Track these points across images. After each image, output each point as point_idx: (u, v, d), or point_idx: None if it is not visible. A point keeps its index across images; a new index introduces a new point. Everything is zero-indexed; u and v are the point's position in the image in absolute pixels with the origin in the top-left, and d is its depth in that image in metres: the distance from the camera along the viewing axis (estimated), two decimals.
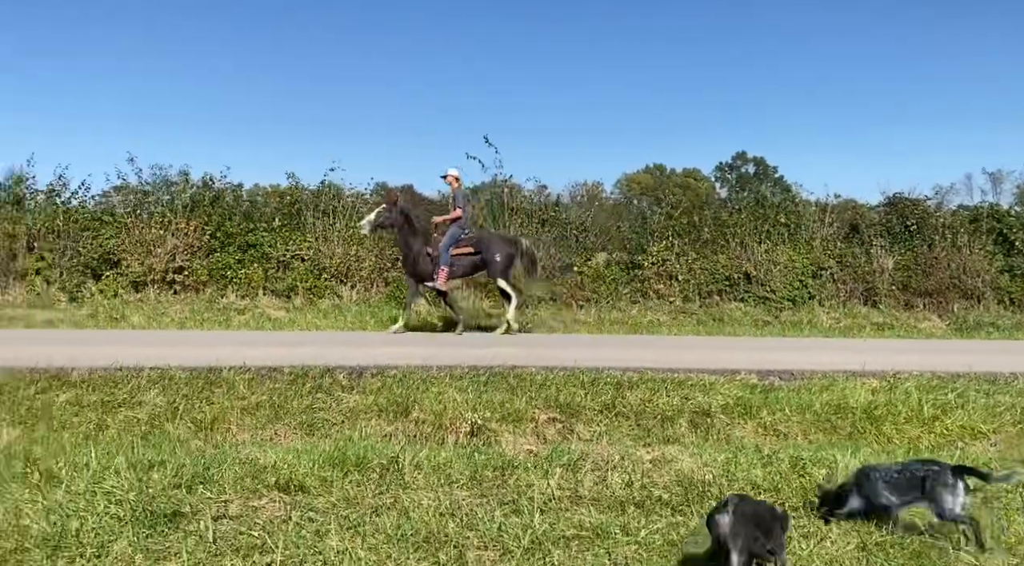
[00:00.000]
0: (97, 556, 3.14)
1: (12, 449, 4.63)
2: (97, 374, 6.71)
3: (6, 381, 6.26)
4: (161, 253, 14.00)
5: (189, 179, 15.49)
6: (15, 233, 13.59)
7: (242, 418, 6.00)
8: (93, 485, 3.91)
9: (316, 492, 3.97)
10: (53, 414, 5.80)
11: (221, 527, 3.48)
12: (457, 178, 10.85)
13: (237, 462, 4.46)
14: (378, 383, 6.88)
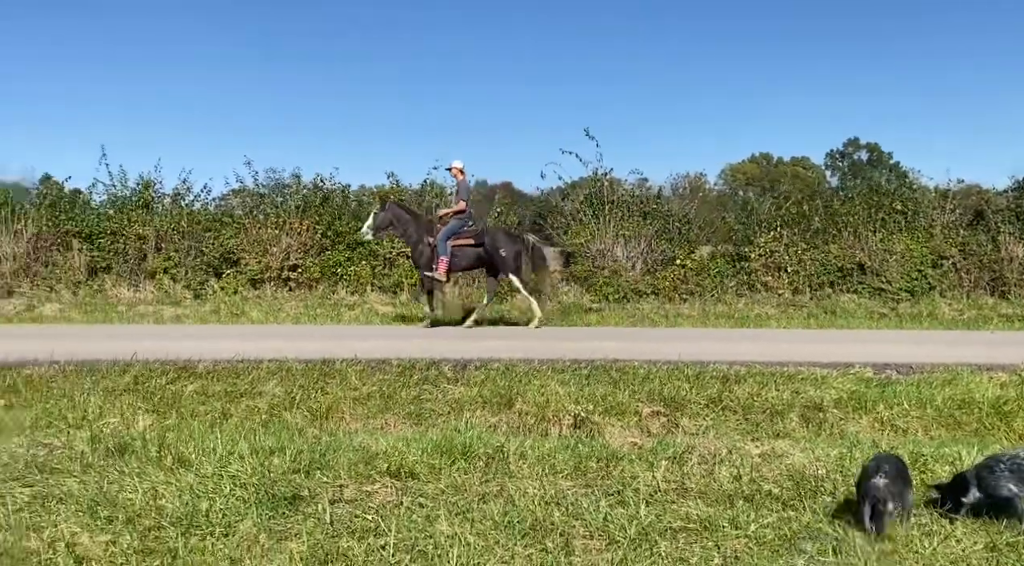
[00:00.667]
0: (225, 534, 3.34)
1: (148, 434, 4.97)
2: (221, 366, 7.12)
3: (142, 372, 6.72)
4: (276, 252, 14.68)
5: (301, 181, 16.18)
6: (145, 234, 14.56)
7: (354, 407, 6.24)
8: (220, 469, 4.15)
9: (425, 479, 4.09)
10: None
11: (337, 510, 3.63)
12: (461, 170, 10.84)
13: (351, 449, 4.64)
14: (482, 375, 7.00)
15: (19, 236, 14.10)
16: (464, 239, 10.54)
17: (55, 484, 3.90)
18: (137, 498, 3.70)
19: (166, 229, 14.68)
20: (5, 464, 4.22)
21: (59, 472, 4.12)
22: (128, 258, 14.45)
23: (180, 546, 3.18)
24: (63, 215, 14.75)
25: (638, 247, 15.11)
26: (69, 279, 13.98)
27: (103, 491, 3.80)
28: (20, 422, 5.51)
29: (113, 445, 4.66)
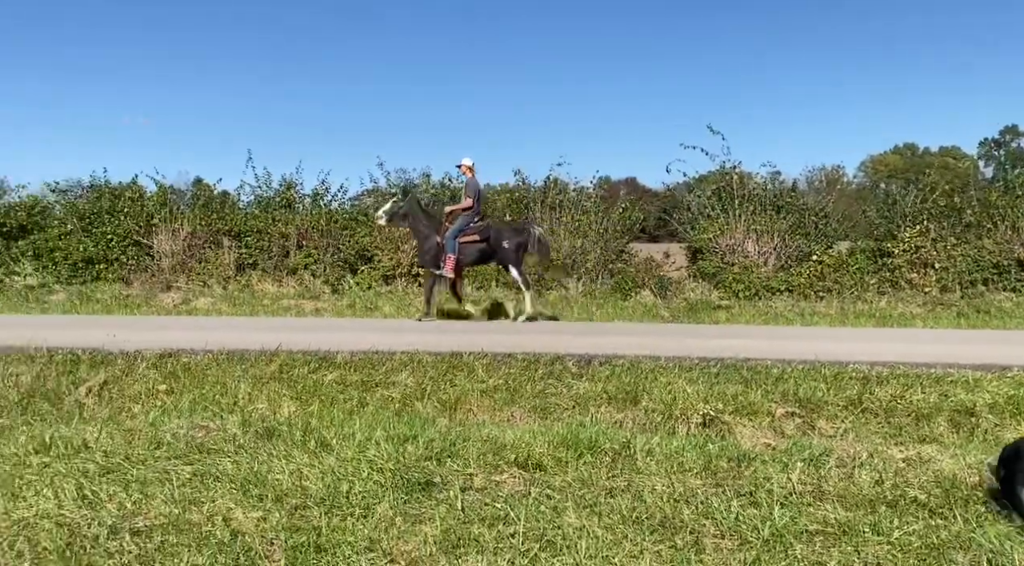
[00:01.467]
0: (364, 515, 3.50)
1: (293, 420, 5.29)
2: (357, 357, 7.45)
3: (286, 361, 7.13)
4: (407, 249, 15.19)
5: (430, 180, 16.66)
6: (287, 233, 15.43)
7: (481, 400, 6.37)
8: (358, 453, 4.36)
9: (552, 471, 4.13)
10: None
11: (467, 498, 3.74)
12: (471, 168, 10.82)
13: (479, 439, 4.76)
14: (607, 371, 6.98)
15: (176, 235, 15.28)
16: (470, 235, 10.65)
17: (212, 463, 4.21)
18: (284, 478, 3.95)
19: (307, 227, 15.48)
20: (169, 443, 4.60)
21: (215, 452, 4.44)
22: (272, 255, 15.36)
23: (324, 525, 3.37)
24: (214, 215, 15.86)
25: (771, 242, 14.60)
26: (220, 274, 15.01)
27: (254, 471, 4.07)
28: (180, 406, 5.99)
29: (262, 429, 4.98)
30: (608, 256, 15.31)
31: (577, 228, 15.51)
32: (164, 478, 3.94)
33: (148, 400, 6.16)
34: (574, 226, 15.55)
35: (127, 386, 6.44)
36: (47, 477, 3.94)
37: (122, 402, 6.15)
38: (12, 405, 5.95)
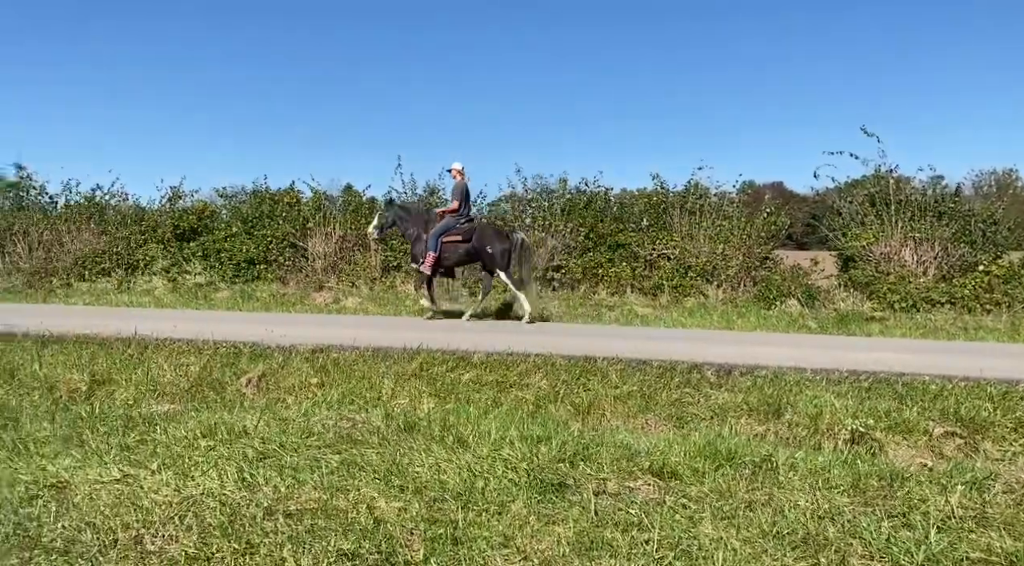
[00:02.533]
0: (499, 512, 3.58)
1: (432, 416, 5.47)
2: (493, 358, 7.60)
3: (426, 359, 7.38)
4: (542, 252, 15.33)
5: (567, 185, 16.74)
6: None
7: (615, 405, 6.33)
8: (493, 452, 4.45)
9: (688, 480, 4.05)
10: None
11: (601, 502, 3.73)
12: (460, 172, 11.27)
13: (612, 445, 4.73)
14: (748, 382, 6.75)
15: (329, 238, 16.15)
16: (454, 236, 10.96)
17: (358, 454, 4.43)
18: (424, 471, 4.09)
19: None
20: (320, 433, 4.88)
21: (361, 443, 4.67)
22: None
23: (460, 518, 3.47)
24: (363, 219, 16.63)
25: (931, 251, 13.61)
26: (367, 276, 15.74)
27: (396, 463, 4.25)
28: (329, 398, 6.33)
29: (403, 423, 5.19)
30: (751, 263, 14.80)
31: (718, 234, 15.10)
32: (314, 465, 4.18)
33: (301, 392, 6.54)
34: (714, 231, 15.15)
35: (282, 378, 6.87)
36: (212, 459, 4.28)
37: (278, 393, 6.57)
38: (183, 392, 6.50)
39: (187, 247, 16.60)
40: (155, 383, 6.64)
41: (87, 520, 3.40)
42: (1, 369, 6.93)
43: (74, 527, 3.32)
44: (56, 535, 3.24)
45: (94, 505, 3.59)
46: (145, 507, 3.57)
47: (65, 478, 3.96)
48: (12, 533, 3.24)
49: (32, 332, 8.47)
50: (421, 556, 3.11)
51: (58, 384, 6.54)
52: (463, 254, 11.09)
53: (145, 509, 3.55)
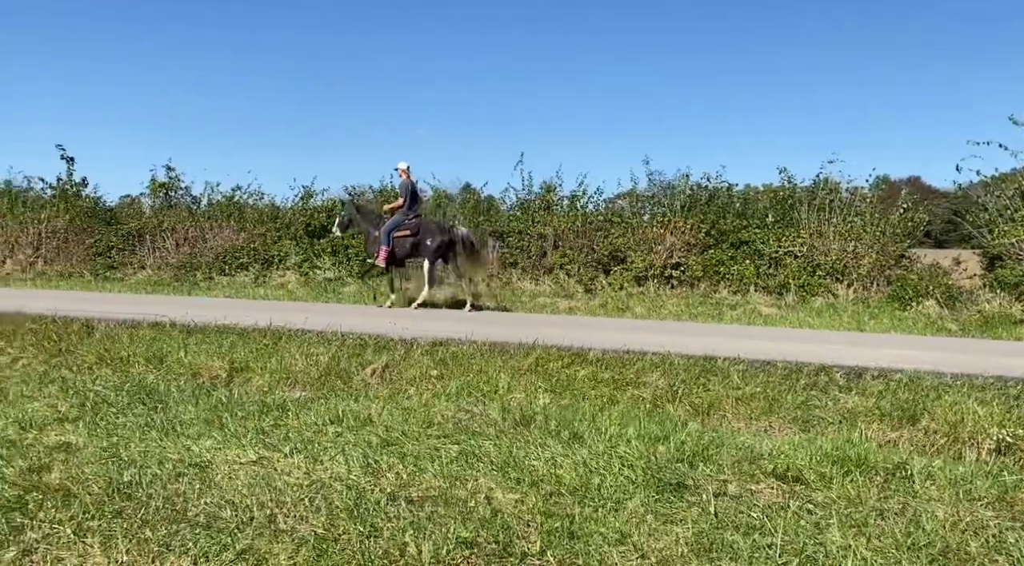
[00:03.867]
0: (615, 509, 3.56)
1: (547, 411, 5.50)
2: (609, 355, 7.55)
3: (542, 355, 7.43)
4: (661, 250, 15.10)
5: (688, 181, 16.41)
6: (545, 233, 16.04)
7: (736, 407, 6.15)
8: (610, 449, 4.44)
9: (815, 486, 3.89)
10: None
11: (721, 504, 3.64)
12: (406, 171, 12.04)
13: (733, 446, 4.61)
14: (880, 386, 6.40)
15: None
16: (403, 231, 11.81)
17: (476, 445, 4.52)
18: (540, 465, 4.13)
19: (563, 229, 15.98)
20: (439, 424, 5.01)
21: (478, 435, 4.76)
22: (531, 254, 16.06)
23: (576, 513, 3.47)
24: (481, 216, 16.94)
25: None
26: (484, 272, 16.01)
27: (512, 455, 4.30)
28: (448, 390, 6.48)
29: (519, 417, 5.24)
30: (885, 261, 14.02)
31: (849, 230, 14.39)
32: (434, 455, 4.30)
33: (421, 383, 6.73)
34: (845, 228, 14.45)
35: (404, 370, 7.09)
36: (339, 445, 4.47)
37: (400, 384, 6.78)
38: (313, 381, 6.82)
39: (317, 244, 17.40)
40: (288, 371, 7.00)
41: (226, 498, 3.63)
42: (152, 356, 7.50)
43: (215, 504, 3.56)
44: (199, 511, 3.48)
45: (232, 484, 3.84)
46: (278, 488, 3.78)
47: (207, 458, 4.24)
48: (162, 506, 3.51)
49: (179, 322, 9.12)
50: (538, 548, 3.14)
51: (201, 370, 7.02)
52: (409, 247, 11.91)
53: (278, 489, 3.76)
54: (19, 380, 6.23)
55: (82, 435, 4.62)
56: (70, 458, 4.17)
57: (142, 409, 5.32)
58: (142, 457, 4.22)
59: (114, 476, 3.87)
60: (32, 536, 3.14)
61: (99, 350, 7.67)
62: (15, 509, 3.41)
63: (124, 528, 3.23)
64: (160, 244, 18.08)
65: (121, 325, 8.95)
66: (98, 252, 18.25)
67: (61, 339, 8.19)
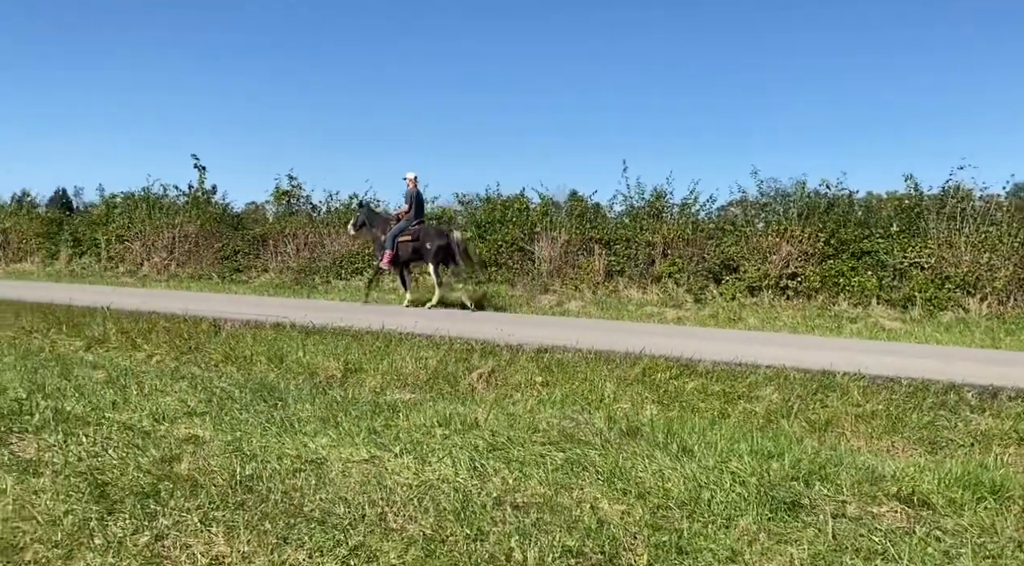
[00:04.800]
0: (726, 526, 3.45)
1: (655, 422, 5.40)
2: (719, 367, 7.35)
3: (649, 365, 7.31)
4: (776, 259, 14.60)
5: (804, 188, 15.81)
6: (654, 241, 15.80)
7: (856, 424, 5.86)
8: (720, 463, 4.31)
9: (943, 512, 3.65)
10: None
11: (839, 525, 3.47)
12: (413, 180, 12.94)
13: (853, 466, 4.39)
14: (1018, 407, 5.95)
15: (555, 242, 16.57)
16: (406, 236, 12.65)
17: (581, 453, 4.49)
18: (647, 477, 4.06)
19: (673, 237, 15.71)
20: (544, 430, 5.01)
21: (584, 444, 4.73)
22: (639, 263, 15.87)
23: (684, 528, 3.39)
24: (587, 224, 16.88)
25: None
26: (590, 280, 15.93)
27: (618, 466, 4.25)
28: (553, 397, 6.48)
29: (625, 427, 5.18)
30: None
31: (983, 241, 13.47)
32: (540, 461, 4.30)
33: (526, 389, 6.76)
34: (979, 238, 13.53)
35: (510, 375, 7.14)
36: (447, 447, 4.55)
37: (505, 389, 6.84)
38: (422, 383, 6.98)
39: None
40: (398, 373, 7.19)
41: (340, 495, 3.76)
42: (273, 355, 7.87)
43: (329, 500, 3.69)
44: (315, 506, 3.62)
45: (346, 481, 3.97)
46: (388, 487, 3.88)
47: (323, 455, 4.41)
48: (280, 500, 3.67)
49: (298, 323, 9.54)
50: (645, 561, 3.08)
51: (318, 370, 7.30)
52: (410, 251, 12.73)
53: (388, 489, 3.85)
54: (154, 375, 6.67)
55: (208, 429, 4.90)
56: (198, 450, 4.43)
57: (263, 406, 5.58)
58: (262, 452, 4.42)
59: (237, 469, 4.08)
60: (164, 523, 3.35)
61: (225, 349, 8.12)
62: (149, 496, 3.64)
63: (246, 520, 3.40)
64: (282, 249, 18.98)
65: (245, 325, 9.44)
66: (225, 256, 19.34)
67: (191, 338, 8.71)
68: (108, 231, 20.54)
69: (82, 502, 3.52)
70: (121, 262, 20.10)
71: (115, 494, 3.65)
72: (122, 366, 7.23)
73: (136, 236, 20.07)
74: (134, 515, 3.41)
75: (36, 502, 3.50)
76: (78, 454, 4.25)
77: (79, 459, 4.17)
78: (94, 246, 20.81)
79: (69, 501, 3.52)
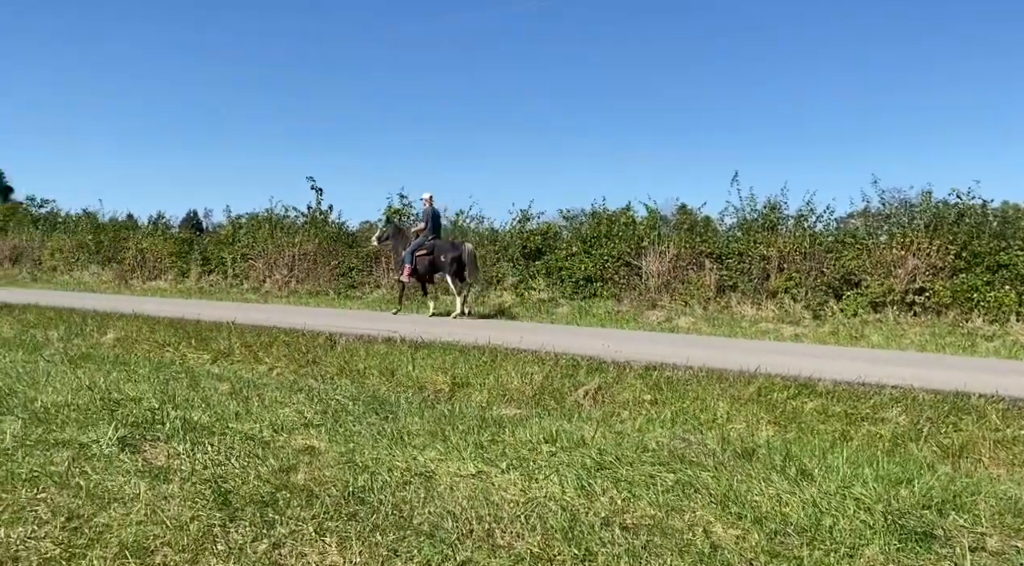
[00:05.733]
0: (850, 555, 3.25)
1: (771, 443, 5.18)
2: (841, 387, 6.99)
3: (764, 384, 7.03)
4: (901, 274, 13.81)
5: (931, 198, 14.91)
6: (768, 255, 15.26)
7: (995, 451, 5.43)
8: (842, 488, 4.07)
9: None
10: None
11: (978, 559, 3.21)
12: (429, 200, 14.23)
13: (993, 496, 4.06)
14: None
15: (663, 256, 16.28)
16: (423, 251, 13.86)
17: (693, 475, 4.34)
18: (764, 501, 3.88)
19: (788, 250, 15.13)
20: (654, 450, 4.89)
21: (695, 465, 4.58)
22: (752, 277, 15.36)
23: (805, 555, 3.22)
24: (698, 238, 16.49)
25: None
26: (701, 295, 15.53)
27: (733, 488, 4.09)
28: (663, 416, 6.33)
29: (740, 448, 4.98)
30: None
31: None
32: (649, 482, 4.19)
33: (635, 407, 6.64)
34: None
35: (617, 393, 7.04)
36: (554, 465, 4.51)
37: (612, 407, 6.74)
38: (527, 399, 6.98)
39: (533, 265, 17.89)
40: (504, 389, 7.22)
41: (448, 509, 3.78)
42: (384, 369, 8.08)
43: (438, 514, 3.72)
44: (424, 519, 3.66)
45: (454, 496, 3.99)
46: (495, 502, 3.87)
47: (431, 468, 4.46)
48: (390, 512, 3.73)
49: (407, 338, 9.76)
50: None
51: (426, 384, 7.44)
52: (428, 265, 13.89)
53: (495, 504, 3.85)
54: (274, 387, 6.96)
55: (323, 440, 5.05)
56: (313, 461, 4.57)
57: (375, 418, 5.72)
58: (374, 464, 4.52)
59: (350, 480, 4.18)
60: (281, 531, 3.46)
61: (340, 362, 8.40)
62: (268, 504, 3.78)
63: (357, 531, 3.47)
64: (393, 266, 19.51)
65: (358, 340, 9.74)
66: (341, 273, 20.07)
67: (308, 351, 9.07)
68: (234, 250, 21.74)
69: (207, 509, 3.69)
70: (245, 279, 21.20)
71: (237, 502, 3.81)
72: (245, 378, 7.59)
73: (259, 255, 21.12)
74: (254, 523, 3.54)
75: (165, 507, 3.69)
76: (204, 462, 4.47)
77: (204, 467, 4.38)
78: (221, 264, 22.04)
79: (195, 507, 3.70)
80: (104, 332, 10.84)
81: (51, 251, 25.73)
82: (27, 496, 3.79)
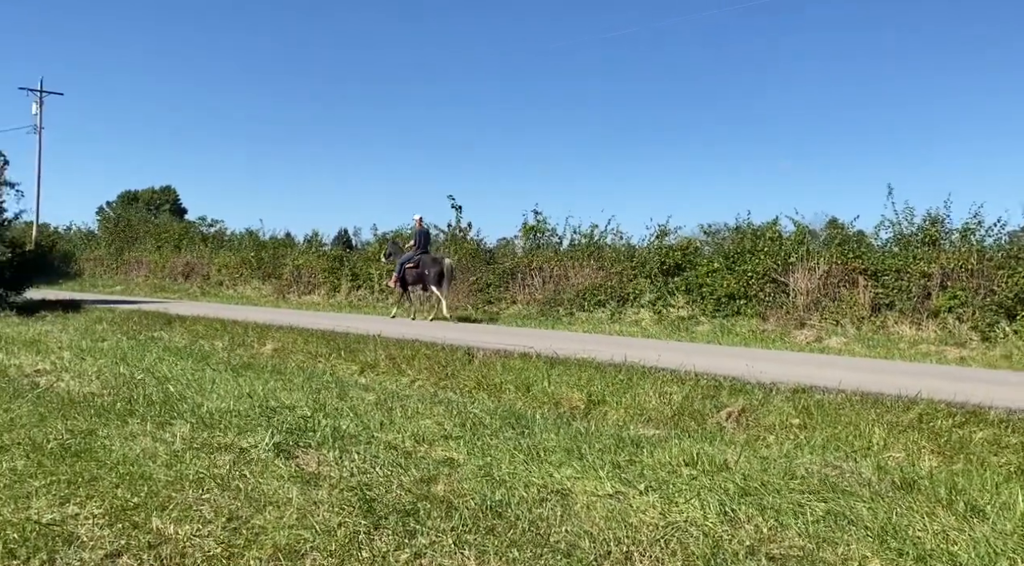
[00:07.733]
0: None
1: (935, 475, 4.78)
2: (1016, 416, 6.36)
3: (926, 410, 6.51)
4: None
5: None
6: (930, 272, 14.19)
7: None
8: (1021, 528, 3.69)
9: None
10: None
11: None
12: (420, 220, 17.38)
13: None
14: None
15: (812, 273, 15.50)
16: (411, 264, 16.55)
17: (846, 505, 4.07)
18: (927, 538, 3.58)
19: (953, 266, 14.02)
20: (803, 477, 4.63)
21: (849, 494, 4.29)
22: (911, 295, 14.32)
23: None
24: (850, 253, 15.59)
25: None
26: (853, 314, 14.64)
27: (891, 522, 3.80)
28: (812, 442, 5.99)
29: (899, 479, 4.63)
30: None
31: None
32: (798, 510, 3.97)
33: (781, 432, 6.32)
34: None
35: (762, 416, 6.73)
36: (694, 488, 4.36)
37: (757, 430, 6.45)
38: (666, 419, 6.81)
39: (672, 282, 17.53)
40: (641, 408, 7.08)
41: (585, 528, 3.73)
42: (520, 383, 8.14)
43: (574, 533, 3.68)
44: (560, 538, 3.63)
45: (590, 515, 3.94)
46: (633, 525, 3.79)
47: (567, 486, 4.43)
48: (527, 529, 3.73)
49: (543, 353, 9.79)
50: None
51: (562, 401, 7.42)
52: (416, 276, 16.62)
53: (633, 527, 3.76)
54: (416, 399, 7.17)
55: (462, 452, 5.14)
56: (452, 473, 4.65)
57: (511, 433, 5.76)
58: (511, 478, 4.54)
59: (487, 493, 4.22)
60: (422, 541, 3.54)
61: (477, 376, 8.55)
62: (410, 514, 3.88)
63: (495, 546, 3.49)
64: (529, 282, 19.72)
65: (495, 354, 9.88)
66: (479, 289, 20.50)
67: (447, 365, 9.29)
68: (380, 266, 22.72)
69: (353, 515, 3.83)
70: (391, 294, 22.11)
71: (380, 510, 3.93)
72: (389, 389, 7.88)
73: None
74: (396, 531, 3.64)
75: (315, 512, 3.87)
76: (351, 470, 4.66)
77: (351, 474, 4.56)
78: (368, 280, 23.07)
79: (342, 514, 3.85)
80: (263, 343, 11.59)
81: (218, 267, 27.93)
82: (193, 496, 4.08)
